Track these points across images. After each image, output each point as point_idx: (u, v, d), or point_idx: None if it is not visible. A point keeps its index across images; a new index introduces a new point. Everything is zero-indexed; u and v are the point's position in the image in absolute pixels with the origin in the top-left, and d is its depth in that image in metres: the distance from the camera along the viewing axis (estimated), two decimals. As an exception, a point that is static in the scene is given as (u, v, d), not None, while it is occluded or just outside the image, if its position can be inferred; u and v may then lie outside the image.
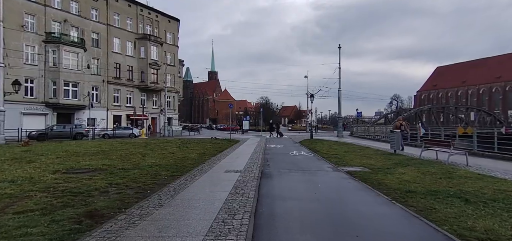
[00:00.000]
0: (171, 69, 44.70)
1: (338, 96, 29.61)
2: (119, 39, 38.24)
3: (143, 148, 15.87)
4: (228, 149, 16.88)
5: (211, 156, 13.41)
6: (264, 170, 9.63)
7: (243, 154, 14.18)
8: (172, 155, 13.31)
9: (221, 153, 14.76)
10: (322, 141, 23.33)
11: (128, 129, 33.49)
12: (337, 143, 21.13)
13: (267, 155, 14.14)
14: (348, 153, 14.51)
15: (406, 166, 9.96)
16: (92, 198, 5.81)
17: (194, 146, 18.23)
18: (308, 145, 19.65)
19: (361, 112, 41.54)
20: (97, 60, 36.41)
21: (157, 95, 42.79)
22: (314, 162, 11.67)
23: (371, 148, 16.75)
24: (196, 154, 14.16)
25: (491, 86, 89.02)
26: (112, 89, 37.75)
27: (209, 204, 5.41)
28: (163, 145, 18.02)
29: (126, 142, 19.28)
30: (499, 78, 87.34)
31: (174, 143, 19.39)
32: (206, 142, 21.01)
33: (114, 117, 38.02)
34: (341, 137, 29.10)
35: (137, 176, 8.24)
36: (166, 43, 43.76)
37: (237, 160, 11.95)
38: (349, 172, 9.18)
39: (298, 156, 13.65)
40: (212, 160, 12.17)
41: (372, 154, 13.81)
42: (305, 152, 15.25)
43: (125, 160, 11.42)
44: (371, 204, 5.72)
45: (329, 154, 14.28)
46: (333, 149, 16.74)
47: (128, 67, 39.44)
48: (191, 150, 15.74)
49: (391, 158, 12.07)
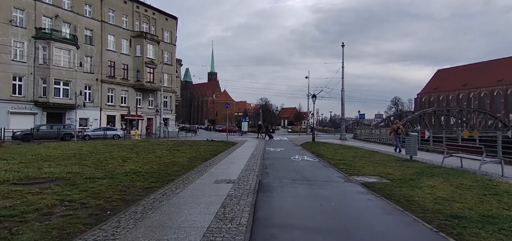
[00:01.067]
0: (168, 68, 43.05)
1: (341, 97, 27.99)
2: (113, 36, 36.58)
3: (128, 152, 14.19)
4: (223, 153, 15.21)
5: (203, 161, 11.73)
6: (262, 180, 7.96)
7: (239, 159, 12.51)
8: (158, 160, 11.63)
9: (215, 157, 13.09)
10: (325, 144, 21.66)
11: (111, 129, 31.64)
12: (341, 146, 19.46)
13: (266, 160, 12.47)
14: (356, 158, 12.84)
15: (432, 176, 8.30)
16: (21, 226, 4.13)
17: (186, 148, 16.55)
18: (311, 149, 17.98)
19: (363, 114, 39.91)
20: (91, 58, 34.73)
21: (153, 95, 41.10)
22: (320, 170, 9.99)
23: (381, 153, 15.08)
24: (186, 158, 12.49)
25: (493, 90, 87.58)
26: (106, 88, 36.06)
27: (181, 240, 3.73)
28: (152, 148, 16.33)
29: (112, 144, 17.61)
30: (500, 81, 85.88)
31: (166, 146, 17.71)
32: (200, 144, 19.34)
33: (108, 117, 36.32)
34: (344, 140, 27.43)
35: (104, 188, 6.57)
36: (163, 41, 42.12)
37: (231, 167, 10.27)
38: (365, 183, 7.51)
39: (302, 162, 11.98)
40: (203, 166, 10.49)
41: (384, 160, 12.14)
42: (308, 157, 13.58)
43: (100, 166, 9.74)
44: (412, 238, 4.04)
45: (335, 159, 12.61)
46: (339, 153, 15.07)
47: (123, 65, 37.77)
48: (181, 154, 14.07)
49: (409, 165, 10.39)
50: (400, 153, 14.44)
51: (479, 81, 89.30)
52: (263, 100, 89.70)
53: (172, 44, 44.07)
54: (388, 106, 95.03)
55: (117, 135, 29.50)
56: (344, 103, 28.14)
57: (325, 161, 12.30)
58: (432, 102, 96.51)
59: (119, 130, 30.92)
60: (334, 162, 11.57)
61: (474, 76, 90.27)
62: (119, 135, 29.74)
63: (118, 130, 30.79)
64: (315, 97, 24.94)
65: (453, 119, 52.96)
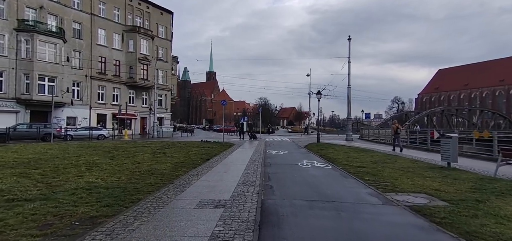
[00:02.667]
0: (163, 65, 40.52)
1: (347, 94, 25.60)
2: (104, 30, 34.02)
3: (101, 156, 11.72)
4: (217, 157, 12.77)
5: (190, 169, 9.29)
6: (266, 201, 5.53)
7: (236, 165, 10.08)
8: (133, 168, 9.18)
9: (206, 163, 10.65)
10: (333, 145, 19.25)
11: (97, 129, 29.19)
12: (352, 148, 17.04)
13: (268, 167, 10.04)
14: (377, 164, 10.43)
15: (502, 194, 5.91)
16: None
17: (175, 151, 14.09)
18: (318, 151, 15.55)
19: (369, 113, 37.52)
20: (79, 52, 32.18)
21: (147, 92, 38.56)
22: (341, 183, 7.57)
23: (403, 157, 12.67)
24: (170, 164, 10.04)
25: (495, 90, 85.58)
26: (96, 85, 33.52)
27: None
28: (135, 151, 13.86)
29: (88, 146, 15.12)
30: (502, 81, 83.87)
31: (152, 148, 15.24)
32: (193, 146, 16.89)
33: (98, 116, 33.76)
34: (351, 141, 25.03)
35: (18, 220, 4.12)
36: (157, 37, 39.58)
37: (224, 177, 7.83)
38: (416, 208, 5.10)
39: (313, 170, 9.55)
40: (188, 176, 8.05)
41: (414, 167, 9.73)
42: (319, 163, 11.15)
43: (50, 176, 7.28)
44: None
45: (353, 166, 10.21)
46: (352, 157, 12.66)
47: (115, 61, 35.22)
48: (167, 158, 11.62)
49: (454, 176, 7.97)
50: (402, 153, 14.61)
51: (480, 81, 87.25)
52: (262, 99, 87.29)
53: (167, 39, 41.55)
54: (389, 106, 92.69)
55: (102, 135, 27.06)
56: (350, 101, 25.78)
57: (341, 168, 9.87)
58: (433, 102, 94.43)
59: (104, 130, 28.47)
60: (353, 171, 9.14)
61: (475, 76, 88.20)
62: (104, 136, 27.28)
63: (103, 130, 28.33)
64: (320, 95, 22.53)
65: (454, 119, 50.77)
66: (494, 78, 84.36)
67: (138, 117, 37.75)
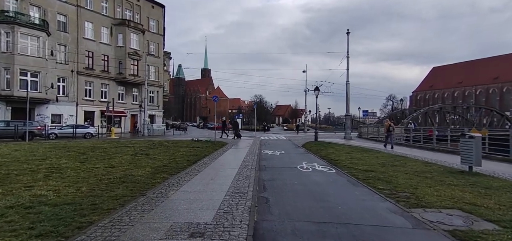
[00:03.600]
0: (155, 60, 38.79)
1: (346, 90, 24.30)
2: (92, 23, 32.16)
3: (72, 158, 10.20)
4: (206, 158, 11.35)
5: (172, 174, 7.86)
6: (260, 227, 4.12)
7: (226, 169, 8.67)
8: (104, 174, 7.72)
9: (192, 167, 9.23)
10: (331, 144, 17.94)
11: (84, 127, 27.68)
12: (354, 148, 15.73)
13: (263, 172, 8.65)
14: (388, 168, 9.12)
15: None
16: None
17: (159, 152, 12.63)
18: (318, 152, 14.21)
19: (367, 110, 36.34)
20: (65, 46, 30.34)
21: (138, 89, 36.82)
22: (352, 194, 6.20)
23: (412, 159, 11.39)
24: (150, 169, 8.59)
25: (488, 87, 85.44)
26: (83, 81, 31.71)
27: None
28: (115, 152, 12.34)
29: (63, 146, 13.53)
30: (496, 79, 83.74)
31: (135, 148, 13.74)
32: (181, 146, 15.42)
33: (85, 114, 31.98)
34: (350, 139, 23.80)
35: None
36: (148, 31, 37.79)
37: (209, 187, 6.41)
38: (460, 235, 3.76)
39: (315, 176, 8.18)
40: (166, 184, 6.62)
41: (432, 172, 8.42)
42: (321, 166, 9.79)
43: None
44: None
45: (359, 169, 8.89)
46: (356, 159, 11.35)
47: (103, 56, 33.41)
48: (149, 161, 10.16)
49: (486, 184, 6.66)
50: (392, 150, 14.90)
51: (474, 79, 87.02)
52: (258, 97, 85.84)
53: (159, 34, 39.79)
54: (383, 104, 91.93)
55: (89, 134, 25.62)
56: (349, 98, 24.47)
57: (347, 172, 8.53)
58: (428, 100, 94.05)
59: (91, 128, 27.01)
60: (362, 176, 7.80)
61: (469, 74, 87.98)
62: (91, 134, 25.81)
63: (90, 128, 26.86)
64: (318, 91, 21.19)
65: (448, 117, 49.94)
66: (488, 76, 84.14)
67: (128, 115, 36.06)
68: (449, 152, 14.67)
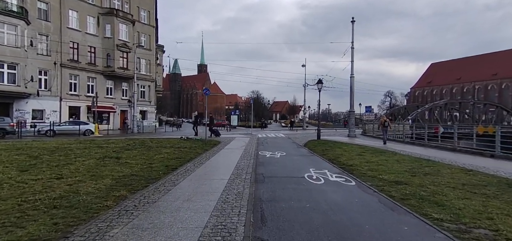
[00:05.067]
0: (146, 53, 36.27)
1: (350, 83, 22.12)
2: (76, 12, 29.57)
3: (15, 164, 7.89)
4: (191, 163, 9.10)
5: (134, 192, 5.61)
6: None
7: (211, 181, 6.42)
8: (39, 190, 5.45)
9: (167, 177, 6.98)
10: (337, 144, 15.77)
11: (84, 123, 25.66)
12: (364, 148, 13.54)
13: (261, 184, 6.40)
14: (421, 178, 6.96)
15: None
16: None
17: (136, 155, 10.34)
18: (324, 153, 12.02)
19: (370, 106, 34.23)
20: (46, 37, 27.76)
21: (128, 83, 34.34)
22: (399, 230, 3.98)
23: (447, 165, 9.24)
24: (109, 180, 6.33)
25: (487, 84, 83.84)
26: (68, 74, 29.18)
27: None
28: (77, 155, 10.02)
29: (16, 148, 11.13)
30: (495, 75, 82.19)
31: (107, 149, 11.44)
32: (166, 146, 13.14)
33: (70, 109, 29.49)
34: (354, 137, 21.66)
35: None
36: (139, 22, 35.23)
37: (178, 218, 4.13)
38: None
39: (332, 192, 5.95)
40: (116, 212, 4.37)
41: (490, 185, 6.24)
42: (334, 174, 7.57)
43: None
44: None
45: (384, 179, 6.74)
46: (373, 163, 9.18)
47: (90, 48, 30.85)
48: (115, 167, 7.90)
49: None
50: (386, 146, 15.04)
51: (473, 75, 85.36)
52: (255, 93, 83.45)
53: (151, 25, 37.22)
54: (381, 101, 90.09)
55: (89, 131, 24.26)
56: (353, 92, 22.26)
57: (370, 184, 6.34)
58: (426, 96, 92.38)
59: (91, 125, 25.46)
60: (397, 193, 5.60)
61: (468, 70, 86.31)
62: (91, 131, 24.44)
63: (90, 125, 25.41)
64: (321, 84, 18.95)
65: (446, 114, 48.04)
66: (487, 72, 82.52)
67: (118, 110, 33.59)
68: (472, 152, 12.59)
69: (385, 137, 16.60)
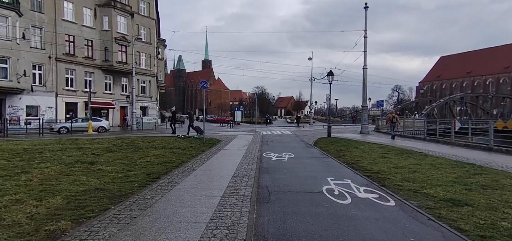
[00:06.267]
0: (147, 47, 34.60)
1: (363, 76, 20.08)
2: (72, 3, 27.93)
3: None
4: (178, 169, 7.32)
5: (82, 221, 3.84)
6: None
7: (196, 202, 4.60)
8: None
9: (142, 193, 5.20)
10: (351, 142, 13.85)
11: (97, 120, 24.93)
12: (386, 148, 11.59)
13: (264, 206, 4.56)
14: (479, 193, 5.09)
15: None
16: None
17: (116, 158, 8.61)
18: (339, 154, 10.13)
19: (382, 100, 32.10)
20: (40, 29, 26.22)
21: (128, 78, 32.72)
22: None
23: (495, 171, 7.31)
24: (60, 199, 4.57)
25: (499, 77, 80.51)
26: (64, 68, 27.65)
27: None
28: (48, 158, 8.31)
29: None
30: (507, 68, 78.84)
31: (87, 150, 9.74)
32: (157, 146, 11.40)
33: (66, 105, 28.03)
34: (367, 134, 19.69)
35: None
36: (138, 14, 33.49)
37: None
38: None
39: (366, 221, 4.09)
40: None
41: None
42: (361, 188, 5.68)
43: None
44: None
45: (434, 196, 4.89)
46: (406, 169, 7.31)
47: (87, 41, 29.24)
48: (81, 177, 6.16)
49: None
50: (394, 141, 14.93)
51: (484, 68, 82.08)
52: (259, 88, 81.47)
53: (151, 18, 35.46)
54: (389, 95, 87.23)
55: (102, 127, 23.65)
56: (366, 85, 20.20)
57: (419, 205, 4.47)
58: (435, 91, 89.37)
59: (104, 121, 25.30)
60: (466, 224, 3.74)
61: (478, 63, 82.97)
62: (104, 127, 23.92)
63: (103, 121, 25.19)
64: (332, 76, 16.99)
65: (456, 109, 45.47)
66: (498, 65, 79.27)
67: (117, 106, 32.06)
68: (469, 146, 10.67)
69: (393, 132, 16.82)
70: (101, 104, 29.85)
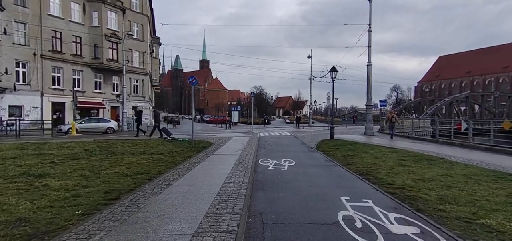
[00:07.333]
0: (139, 44, 32.89)
1: (367, 73, 18.53)
2: (58, -3, 26.30)
3: None
4: (152, 183, 5.69)
5: None
6: None
7: None
8: None
9: (81, 227, 3.57)
10: (359, 146, 12.27)
11: (105, 120, 23.75)
12: (397, 152, 9.99)
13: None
14: None
15: None
16: None
17: (78, 168, 6.96)
18: (348, 161, 8.54)
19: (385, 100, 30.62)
20: (24, 25, 24.50)
21: (119, 77, 31.01)
22: None
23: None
24: None
25: (498, 76, 79.37)
26: (50, 66, 25.93)
27: None
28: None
29: None
30: (506, 68, 77.75)
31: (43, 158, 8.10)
32: (136, 152, 9.75)
33: (53, 105, 26.32)
34: (372, 135, 18.14)
35: None
36: (130, 9, 31.80)
37: None
38: None
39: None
40: None
41: None
42: (393, 215, 4.09)
43: None
44: None
45: (500, 230, 3.27)
46: (437, 183, 5.73)
47: (75, 38, 27.53)
48: (14, 198, 4.52)
49: None
50: (392, 140, 15.06)
51: (483, 68, 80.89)
52: (257, 88, 79.89)
53: (144, 14, 33.76)
54: (388, 95, 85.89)
55: (111, 128, 22.08)
56: (370, 83, 18.66)
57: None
58: (434, 90, 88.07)
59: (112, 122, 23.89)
60: None
61: (477, 63, 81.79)
62: (113, 128, 22.45)
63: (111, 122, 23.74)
64: (336, 71, 15.42)
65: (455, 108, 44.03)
66: (498, 65, 78.10)
67: (108, 106, 30.37)
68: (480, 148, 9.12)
69: (392, 132, 16.96)
70: (90, 104, 28.18)
